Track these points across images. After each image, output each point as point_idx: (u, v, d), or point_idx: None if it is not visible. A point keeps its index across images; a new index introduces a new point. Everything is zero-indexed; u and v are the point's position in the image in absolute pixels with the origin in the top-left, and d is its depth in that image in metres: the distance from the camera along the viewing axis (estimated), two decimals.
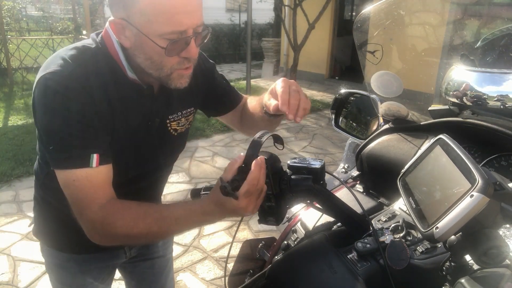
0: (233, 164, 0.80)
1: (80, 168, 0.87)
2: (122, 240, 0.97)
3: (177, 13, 0.82)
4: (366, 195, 1.26)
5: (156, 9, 0.82)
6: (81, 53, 0.92)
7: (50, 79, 0.86)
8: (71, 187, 0.89)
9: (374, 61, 1.40)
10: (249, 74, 7.79)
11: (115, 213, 0.88)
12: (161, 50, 0.86)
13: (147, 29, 0.84)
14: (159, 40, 0.85)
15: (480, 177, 0.60)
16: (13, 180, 3.88)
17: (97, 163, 0.88)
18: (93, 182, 0.89)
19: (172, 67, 0.90)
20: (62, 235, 1.16)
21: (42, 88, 0.88)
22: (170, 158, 1.19)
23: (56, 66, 0.88)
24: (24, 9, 14.00)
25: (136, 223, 0.87)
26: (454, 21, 1.62)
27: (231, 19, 14.04)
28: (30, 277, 2.58)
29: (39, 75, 0.89)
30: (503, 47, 1.31)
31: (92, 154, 0.88)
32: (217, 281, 2.58)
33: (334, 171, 1.58)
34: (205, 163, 4.46)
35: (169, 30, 0.83)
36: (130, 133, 0.99)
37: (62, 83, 0.86)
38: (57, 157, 0.90)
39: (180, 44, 0.87)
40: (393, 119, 1.33)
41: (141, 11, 0.82)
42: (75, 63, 0.89)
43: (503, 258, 0.61)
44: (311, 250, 0.92)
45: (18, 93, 7.51)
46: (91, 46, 0.95)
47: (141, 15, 0.83)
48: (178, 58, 0.89)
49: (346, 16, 10.68)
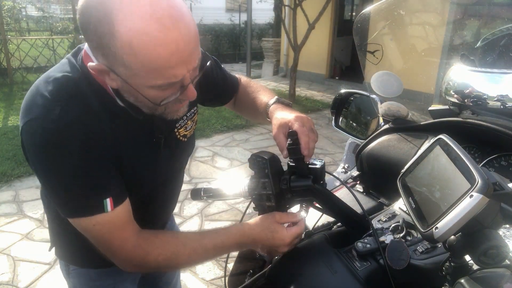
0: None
1: (96, 215, 0.81)
2: (163, 269, 0.98)
3: (170, 67, 0.71)
4: (366, 195, 1.26)
5: (144, 66, 0.69)
6: (63, 87, 0.80)
7: (38, 127, 0.76)
8: (93, 232, 0.84)
9: (374, 61, 1.40)
10: (249, 74, 7.79)
11: (154, 248, 0.87)
12: (151, 103, 0.77)
13: (134, 81, 0.73)
14: (149, 91, 0.75)
15: (479, 177, 0.60)
16: (13, 180, 3.88)
17: (111, 206, 0.82)
18: (116, 223, 0.84)
19: (166, 106, 0.82)
20: (89, 250, 0.98)
21: (31, 138, 0.78)
22: (183, 163, 1.15)
23: (39, 110, 0.77)
24: (24, 9, 14.00)
25: (176, 256, 0.88)
26: (454, 21, 1.62)
27: (231, 19, 14.04)
28: (30, 277, 2.58)
29: (23, 120, 0.79)
30: (503, 47, 1.31)
31: (104, 200, 0.81)
32: (217, 281, 2.58)
33: (334, 171, 1.58)
34: (205, 163, 4.45)
35: (161, 83, 0.73)
36: (137, 158, 0.91)
37: (53, 130, 0.76)
38: (66, 208, 0.83)
39: (169, 90, 0.77)
40: (393, 119, 1.33)
41: (125, 65, 0.70)
42: (60, 102, 0.78)
43: (503, 258, 0.61)
44: (311, 250, 0.91)
45: (18, 93, 7.51)
46: (72, 75, 0.82)
47: (125, 69, 0.71)
48: (175, 99, 0.80)
49: (346, 16, 10.68)
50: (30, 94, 0.82)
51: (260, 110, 1.11)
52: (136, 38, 0.66)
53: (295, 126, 0.90)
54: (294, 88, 7.20)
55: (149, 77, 0.72)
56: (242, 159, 4.58)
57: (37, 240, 2.97)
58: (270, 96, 1.12)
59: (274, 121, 0.98)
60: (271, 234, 0.89)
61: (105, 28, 0.67)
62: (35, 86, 0.83)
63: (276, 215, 0.90)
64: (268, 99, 1.10)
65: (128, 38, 0.66)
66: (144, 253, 0.87)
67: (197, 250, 0.89)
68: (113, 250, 0.87)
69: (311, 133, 0.90)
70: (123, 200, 0.86)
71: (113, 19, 0.66)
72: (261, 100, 1.12)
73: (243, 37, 13.07)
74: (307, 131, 0.89)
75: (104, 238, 0.85)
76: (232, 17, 14.08)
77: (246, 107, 1.22)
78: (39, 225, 3.17)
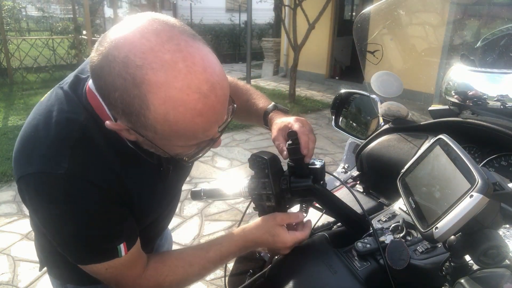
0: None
1: (109, 261, 0.79)
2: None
3: (206, 131, 0.68)
4: (366, 195, 1.26)
5: (178, 134, 0.66)
6: (68, 133, 0.73)
7: (44, 184, 0.71)
8: (105, 275, 0.82)
9: (374, 61, 1.40)
10: (249, 74, 7.80)
11: (165, 277, 0.87)
12: (172, 156, 0.75)
13: (162, 143, 0.70)
14: (177, 149, 0.73)
15: (479, 177, 0.60)
16: (13, 180, 3.86)
17: (125, 251, 0.79)
18: (128, 264, 0.82)
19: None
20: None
21: (36, 193, 0.72)
22: (186, 178, 1.12)
23: (43, 163, 0.71)
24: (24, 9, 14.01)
25: (187, 277, 0.90)
26: (454, 21, 1.62)
27: (231, 19, 14.05)
28: (30, 277, 2.58)
29: (23, 170, 0.72)
30: (503, 47, 1.31)
31: (119, 246, 0.78)
32: (217, 281, 2.58)
33: (334, 171, 1.58)
34: (205, 163, 4.45)
35: (192, 144, 0.71)
36: (146, 193, 0.87)
37: (62, 188, 0.70)
38: (77, 257, 0.80)
39: (205, 145, 0.75)
40: (393, 119, 1.33)
41: (157, 132, 0.66)
42: (66, 152, 0.71)
43: (503, 258, 0.61)
44: (311, 250, 0.91)
45: (18, 93, 7.51)
46: (76, 117, 0.74)
47: (155, 134, 0.67)
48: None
49: (346, 16, 10.69)
50: (27, 137, 0.75)
51: (255, 115, 1.11)
52: (173, 111, 0.62)
53: (295, 126, 0.91)
54: (294, 88, 7.20)
55: (181, 141, 0.69)
56: (242, 159, 4.58)
57: None
58: (265, 102, 1.11)
59: (274, 126, 0.98)
60: (272, 238, 0.88)
61: (135, 99, 0.61)
62: (32, 128, 0.75)
63: (277, 217, 0.90)
64: (264, 104, 1.10)
65: (164, 110, 0.62)
66: (157, 284, 0.88)
67: (206, 266, 0.90)
68: (126, 287, 0.86)
69: (310, 134, 0.91)
70: (136, 240, 0.84)
71: (145, 90, 0.60)
72: (257, 105, 1.12)
73: (243, 37, 13.08)
74: (307, 131, 0.90)
75: (116, 279, 0.84)
76: (232, 17, 14.09)
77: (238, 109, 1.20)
78: None
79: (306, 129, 0.90)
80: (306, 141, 0.88)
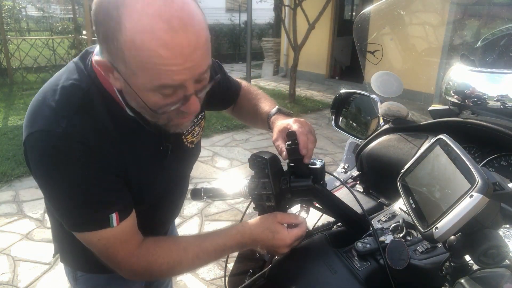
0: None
1: (101, 230, 0.80)
2: (167, 277, 0.97)
3: (169, 69, 0.67)
4: (366, 195, 1.26)
5: (142, 64, 0.66)
6: (71, 97, 0.78)
7: (42, 141, 0.75)
8: (98, 246, 0.83)
9: (374, 61, 1.40)
10: (249, 74, 7.80)
11: (157, 258, 0.87)
12: (150, 110, 0.74)
13: (133, 81, 0.70)
14: (148, 95, 0.71)
15: (479, 177, 0.60)
16: (13, 180, 3.88)
17: (117, 221, 0.81)
18: (121, 237, 0.83)
19: (169, 117, 0.78)
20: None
21: (34, 151, 0.76)
22: (190, 169, 1.14)
23: (44, 122, 0.75)
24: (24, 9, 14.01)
25: (179, 263, 0.88)
26: (454, 21, 1.62)
27: (231, 19, 14.04)
28: (30, 277, 2.58)
29: (27, 130, 0.76)
30: (503, 47, 1.31)
31: (110, 215, 0.80)
32: (217, 281, 2.58)
33: (334, 171, 1.58)
34: (205, 163, 4.45)
35: (157, 84, 0.69)
36: (144, 167, 0.89)
37: (58, 146, 0.74)
38: (70, 222, 0.82)
39: (171, 97, 0.72)
40: (393, 119, 1.33)
41: (125, 62, 0.67)
42: (67, 114, 0.75)
43: (503, 258, 0.61)
44: (311, 250, 0.92)
45: (18, 93, 7.51)
46: (81, 84, 0.79)
47: (125, 67, 0.68)
48: (176, 110, 0.76)
49: (346, 16, 10.68)
50: (36, 102, 0.80)
51: (260, 118, 1.12)
52: (140, 35, 0.64)
53: (293, 127, 0.92)
54: (294, 88, 7.20)
55: (146, 77, 0.68)
56: (242, 159, 4.58)
57: (37, 240, 2.97)
58: (271, 105, 1.12)
59: (274, 128, 0.99)
60: (272, 234, 0.88)
61: (113, 21, 0.65)
62: (41, 93, 0.80)
63: (278, 215, 0.90)
64: (269, 108, 1.11)
65: (132, 34, 0.64)
66: (148, 264, 0.87)
67: (199, 255, 0.89)
68: (117, 262, 0.86)
69: (309, 134, 0.91)
70: (129, 213, 0.85)
71: (122, 12, 0.64)
72: (262, 109, 1.13)
73: (243, 37, 13.08)
74: (305, 132, 0.90)
75: (108, 252, 0.84)
76: (232, 17, 14.08)
77: (245, 113, 1.23)
78: (39, 225, 3.17)
79: (305, 130, 0.91)
80: (305, 141, 0.88)
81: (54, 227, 1.07)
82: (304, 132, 0.90)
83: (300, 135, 0.88)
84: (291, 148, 0.88)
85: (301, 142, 0.88)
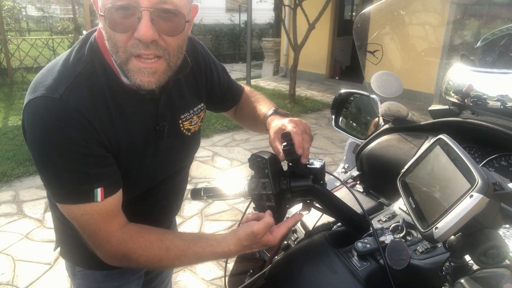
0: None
1: (85, 203, 0.81)
2: (144, 268, 0.98)
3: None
4: (366, 195, 1.26)
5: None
6: (73, 68, 0.82)
7: (39, 106, 0.77)
8: (80, 221, 0.83)
9: (374, 61, 1.40)
10: (249, 74, 7.79)
11: (137, 248, 0.86)
12: (114, 45, 0.78)
13: (98, 5, 0.79)
14: (110, 19, 0.76)
15: (479, 177, 0.60)
16: (13, 180, 3.88)
17: (102, 197, 0.82)
18: (104, 214, 0.83)
19: (126, 50, 0.78)
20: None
21: (31, 116, 0.78)
22: (187, 161, 1.13)
23: (44, 89, 0.78)
24: (24, 9, 14.00)
25: (159, 260, 0.87)
26: (454, 21, 1.62)
27: (231, 19, 14.04)
28: (30, 277, 2.58)
29: (28, 97, 0.80)
30: (503, 47, 1.31)
31: (96, 189, 0.81)
32: (217, 281, 2.58)
33: (334, 171, 1.58)
34: (205, 163, 4.45)
35: (111, 4, 0.74)
36: (138, 145, 0.90)
37: (53, 110, 0.76)
38: (55, 193, 0.83)
39: (126, 18, 0.75)
40: (393, 119, 1.33)
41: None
42: (66, 83, 0.79)
43: (503, 258, 0.61)
44: (311, 250, 0.91)
45: (18, 93, 7.51)
46: (83, 56, 0.84)
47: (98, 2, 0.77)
48: (132, 40, 0.77)
49: (346, 16, 10.69)
50: (39, 74, 0.83)
51: (259, 121, 1.13)
52: None
53: (288, 127, 0.92)
54: (294, 88, 7.20)
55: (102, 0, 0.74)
56: (242, 159, 4.58)
57: (37, 240, 2.97)
58: (269, 107, 1.13)
59: (271, 130, 0.99)
60: (258, 247, 0.90)
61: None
62: (46, 67, 0.84)
63: (254, 229, 0.88)
64: (266, 110, 1.11)
65: None
66: (127, 251, 0.86)
67: (181, 258, 0.89)
68: (97, 242, 0.86)
69: (304, 133, 0.91)
70: (116, 191, 0.85)
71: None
72: (260, 111, 1.13)
73: (243, 37, 13.08)
74: (300, 131, 0.90)
75: (90, 229, 0.84)
76: (232, 17, 14.08)
77: (246, 116, 1.23)
78: (39, 225, 3.17)
79: (299, 129, 0.91)
80: (300, 141, 0.88)
81: (55, 220, 1.08)
82: (298, 132, 0.90)
83: (294, 135, 0.89)
84: (287, 149, 0.88)
85: (296, 143, 0.88)
